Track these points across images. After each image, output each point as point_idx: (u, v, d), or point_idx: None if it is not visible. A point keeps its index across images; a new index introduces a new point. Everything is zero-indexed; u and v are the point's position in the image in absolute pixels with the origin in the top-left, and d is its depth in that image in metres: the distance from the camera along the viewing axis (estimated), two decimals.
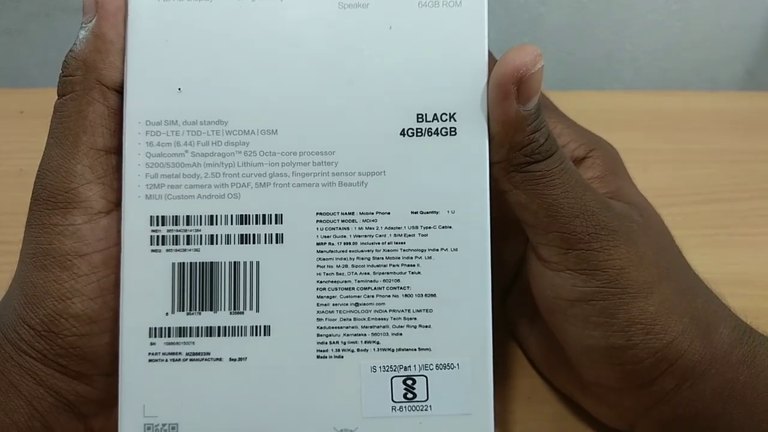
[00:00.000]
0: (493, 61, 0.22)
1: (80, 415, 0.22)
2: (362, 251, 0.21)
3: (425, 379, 0.21)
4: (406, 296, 0.21)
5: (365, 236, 0.21)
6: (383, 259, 0.21)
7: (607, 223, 0.22)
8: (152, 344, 0.21)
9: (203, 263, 0.21)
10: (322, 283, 0.21)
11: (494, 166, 0.22)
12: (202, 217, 0.21)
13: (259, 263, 0.21)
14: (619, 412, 0.24)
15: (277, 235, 0.21)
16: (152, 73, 0.21)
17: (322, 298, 0.21)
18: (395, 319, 0.21)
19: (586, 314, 0.22)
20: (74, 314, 0.21)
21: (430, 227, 0.21)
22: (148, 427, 0.21)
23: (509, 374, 0.28)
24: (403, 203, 0.21)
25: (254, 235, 0.21)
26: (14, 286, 0.22)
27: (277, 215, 0.21)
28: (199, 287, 0.21)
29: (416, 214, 0.21)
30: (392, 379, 0.21)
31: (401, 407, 0.21)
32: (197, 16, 0.21)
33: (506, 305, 0.28)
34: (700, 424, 0.22)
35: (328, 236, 0.21)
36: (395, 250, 0.21)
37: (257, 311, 0.21)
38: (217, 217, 0.21)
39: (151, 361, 0.21)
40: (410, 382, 0.21)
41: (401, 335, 0.21)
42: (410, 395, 0.21)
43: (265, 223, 0.21)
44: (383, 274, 0.21)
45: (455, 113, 0.21)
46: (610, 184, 0.24)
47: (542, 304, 0.24)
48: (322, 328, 0.21)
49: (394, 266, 0.21)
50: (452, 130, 0.21)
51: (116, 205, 0.21)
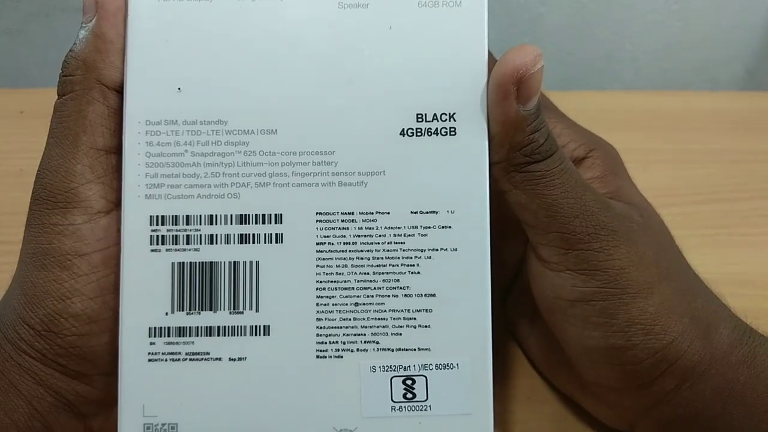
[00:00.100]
0: (493, 61, 0.22)
1: (80, 414, 0.22)
2: (362, 251, 0.21)
3: (425, 379, 0.21)
4: (405, 296, 0.21)
5: (365, 236, 0.21)
6: (383, 259, 0.21)
7: (606, 223, 0.22)
8: (152, 344, 0.21)
9: (203, 263, 0.21)
10: (321, 283, 0.21)
11: (494, 166, 0.22)
12: (201, 216, 0.21)
13: (258, 263, 0.21)
14: (619, 412, 0.24)
15: (276, 234, 0.21)
16: (152, 72, 0.21)
17: (321, 297, 0.21)
18: (395, 319, 0.21)
19: (586, 314, 0.22)
20: (74, 314, 0.21)
21: (429, 227, 0.21)
22: (147, 426, 0.21)
23: (509, 374, 0.28)
24: (402, 203, 0.21)
25: (254, 234, 0.21)
26: (14, 285, 0.22)
27: (276, 215, 0.21)
28: (198, 287, 0.21)
29: (416, 214, 0.21)
30: (392, 379, 0.21)
31: (401, 407, 0.21)
32: (197, 16, 0.21)
33: (506, 305, 0.28)
34: (700, 424, 0.22)
35: (327, 236, 0.21)
36: (395, 250, 0.21)
37: (257, 311, 0.21)
38: (216, 216, 0.21)
39: (150, 360, 0.21)
40: (410, 382, 0.21)
41: (401, 335, 0.21)
42: (410, 395, 0.21)
43: (264, 222, 0.21)
44: (383, 274, 0.21)
45: (455, 113, 0.21)
46: (610, 184, 0.24)
47: (542, 304, 0.24)
48: (321, 327, 0.21)
49: (393, 266, 0.21)
50: (452, 130, 0.21)
51: (116, 204, 0.21)
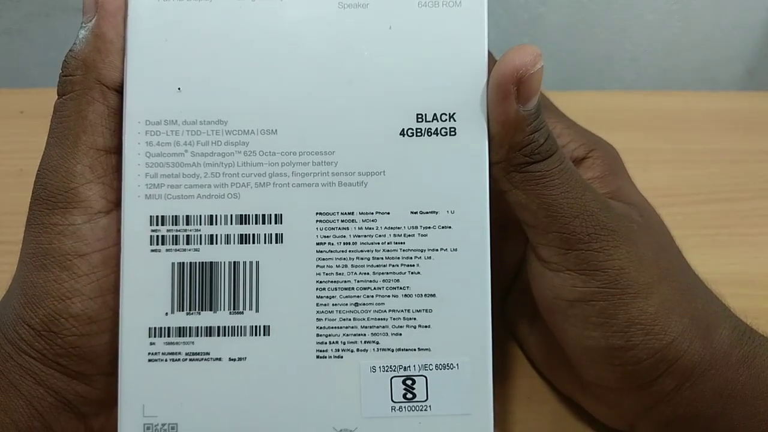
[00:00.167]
0: (493, 61, 0.22)
1: (80, 414, 0.22)
2: (362, 251, 0.21)
3: (425, 379, 0.21)
4: (405, 296, 0.21)
5: (365, 236, 0.21)
6: (383, 259, 0.21)
7: (606, 223, 0.22)
8: (152, 344, 0.21)
9: (203, 263, 0.21)
10: (321, 283, 0.21)
11: (494, 166, 0.22)
12: (201, 216, 0.21)
13: (258, 263, 0.21)
14: (619, 412, 0.24)
15: (276, 235, 0.21)
16: (152, 72, 0.21)
17: (321, 298, 0.21)
18: (395, 319, 0.21)
19: (585, 315, 0.22)
20: (74, 314, 0.21)
21: (429, 227, 0.21)
22: (147, 426, 0.21)
23: (509, 374, 0.28)
24: (402, 203, 0.21)
25: (254, 235, 0.21)
26: (14, 285, 0.22)
27: (276, 215, 0.21)
28: (198, 287, 0.21)
29: (416, 214, 0.21)
30: (392, 379, 0.21)
31: (401, 407, 0.21)
32: (197, 16, 0.21)
33: (506, 305, 0.28)
34: (700, 424, 0.22)
35: (327, 236, 0.21)
36: (395, 250, 0.21)
37: (257, 311, 0.21)
38: (216, 217, 0.21)
39: (150, 360, 0.21)
40: (410, 382, 0.21)
41: (401, 335, 0.21)
42: (410, 395, 0.21)
43: (264, 223, 0.21)
44: (383, 274, 0.21)
45: (455, 113, 0.21)
46: (609, 184, 0.24)
47: (542, 304, 0.24)
48: (321, 328, 0.21)
49: (393, 266, 0.21)
50: (452, 130, 0.21)
51: (116, 204, 0.21)
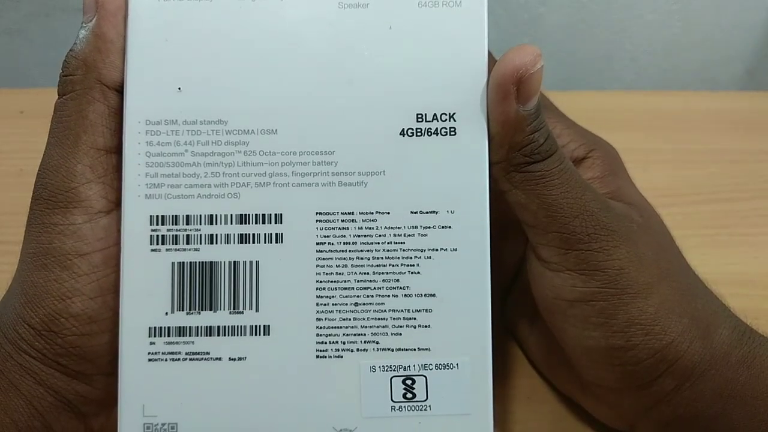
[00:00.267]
0: (493, 61, 0.22)
1: (80, 414, 0.22)
2: (362, 251, 0.21)
3: (425, 379, 0.21)
4: (405, 296, 0.21)
5: (365, 236, 0.21)
6: (383, 259, 0.21)
7: (606, 223, 0.22)
8: (152, 344, 0.21)
9: (203, 263, 0.21)
10: (321, 282, 0.21)
11: (494, 166, 0.22)
12: (201, 216, 0.21)
13: (258, 263, 0.21)
14: (619, 412, 0.24)
15: (276, 234, 0.21)
16: (152, 72, 0.21)
17: (321, 297, 0.21)
18: (395, 318, 0.21)
19: (585, 315, 0.22)
20: (74, 314, 0.21)
21: (429, 227, 0.21)
22: (147, 426, 0.21)
23: (509, 374, 0.28)
24: (402, 203, 0.21)
25: (254, 234, 0.21)
26: (14, 285, 0.22)
27: (276, 215, 0.21)
28: (198, 287, 0.21)
29: (416, 214, 0.21)
30: (392, 378, 0.21)
31: (401, 407, 0.21)
32: (197, 15, 0.21)
33: (506, 305, 0.28)
34: (700, 424, 0.22)
35: (327, 236, 0.21)
36: (395, 250, 0.21)
37: (257, 311, 0.21)
38: (216, 216, 0.21)
39: (150, 360, 0.21)
40: (410, 381, 0.21)
41: (401, 335, 0.21)
42: (410, 395, 0.21)
43: (264, 222, 0.21)
44: (383, 273, 0.21)
45: (455, 113, 0.21)
46: (609, 184, 0.24)
47: (542, 304, 0.24)
48: (321, 327, 0.21)
49: (393, 266, 0.21)
50: (452, 130, 0.21)
51: (116, 204, 0.21)
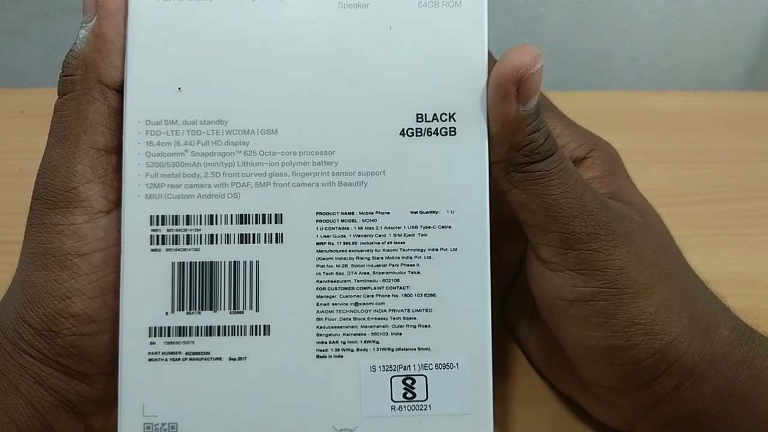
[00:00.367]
0: (493, 61, 0.22)
1: (80, 414, 0.22)
2: (362, 251, 0.21)
3: (425, 378, 0.21)
4: (405, 296, 0.21)
5: (365, 236, 0.21)
6: (383, 258, 0.21)
7: (606, 223, 0.22)
8: (152, 344, 0.21)
9: (203, 263, 0.21)
10: (321, 282, 0.21)
11: (494, 166, 0.22)
12: (201, 216, 0.21)
13: (258, 263, 0.21)
14: (619, 412, 0.24)
15: (276, 234, 0.21)
16: (152, 72, 0.21)
17: (321, 297, 0.21)
18: (395, 318, 0.21)
19: (585, 314, 0.22)
20: (74, 313, 0.21)
21: (429, 227, 0.21)
22: (147, 426, 0.21)
23: (509, 374, 0.28)
24: (402, 203, 0.21)
25: (254, 234, 0.21)
26: (15, 285, 0.22)
27: (276, 215, 0.21)
28: (198, 287, 0.21)
29: (416, 213, 0.21)
30: (392, 378, 0.21)
31: (401, 407, 0.21)
32: (197, 15, 0.21)
33: (506, 305, 0.28)
34: (700, 424, 0.22)
35: (327, 236, 0.21)
36: (395, 249, 0.21)
37: (257, 311, 0.21)
38: (216, 216, 0.21)
39: (150, 360, 0.21)
40: (410, 381, 0.21)
41: (401, 335, 0.21)
42: (410, 395, 0.21)
43: (264, 222, 0.21)
44: (383, 273, 0.21)
45: (455, 113, 0.21)
46: (609, 184, 0.24)
47: (542, 304, 0.24)
48: (321, 327, 0.21)
49: (393, 266, 0.21)
50: (452, 130, 0.21)
51: (116, 204, 0.21)
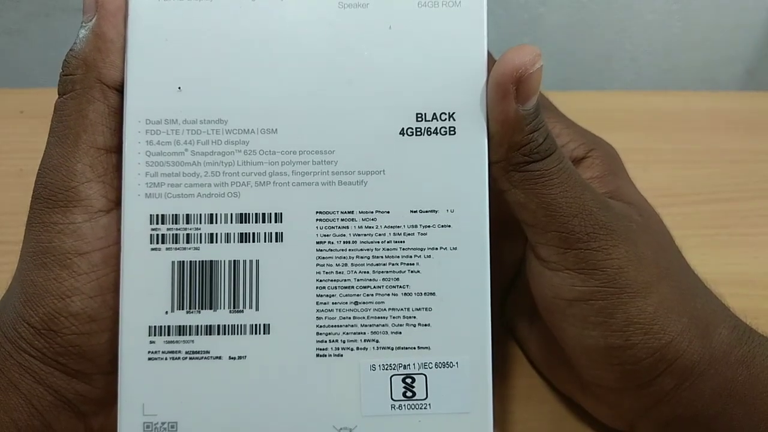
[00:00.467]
0: (492, 61, 0.22)
1: (80, 413, 0.22)
2: (362, 250, 0.21)
3: (424, 377, 0.21)
4: (405, 295, 0.21)
5: (365, 235, 0.21)
6: (383, 257, 0.21)
7: (605, 222, 0.22)
8: (152, 343, 0.21)
9: (203, 262, 0.21)
10: (321, 281, 0.21)
11: (493, 165, 0.22)
12: (201, 215, 0.21)
13: (258, 262, 0.21)
14: (618, 412, 0.24)
15: (276, 233, 0.21)
16: (152, 72, 0.21)
17: (321, 296, 0.21)
18: (395, 317, 0.21)
19: (584, 314, 0.22)
20: (74, 313, 0.21)
21: (429, 226, 0.21)
22: (147, 425, 0.21)
23: (509, 374, 0.28)
24: (402, 202, 0.21)
25: (254, 233, 0.21)
26: (14, 284, 0.22)
27: (276, 214, 0.21)
28: (198, 286, 0.21)
29: (415, 213, 0.21)
30: (391, 377, 0.21)
31: (400, 405, 0.21)
32: (197, 15, 0.21)
33: (506, 305, 0.28)
34: (699, 424, 0.22)
35: (327, 235, 0.21)
36: (395, 248, 0.21)
37: (257, 310, 0.21)
38: (216, 215, 0.21)
39: (150, 359, 0.21)
40: (409, 380, 0.21)
41: (400, 334, 0.21)
42: (409, 394, 0.21)
43: (264, 221, 0.21)
44: (383, 272, 0.21)
45: (454, 113, 0.21)
46: (609, 184, 0.24)
47: (541, 303, 0.24)
48: (321, 326, 0.21)
49: (393, 265, 0.21)
50: (451, 129, 0.21)
51: (116, 203, 0.21)
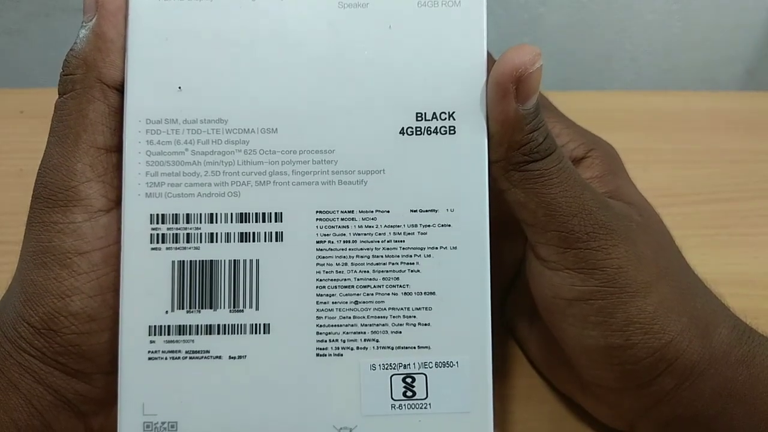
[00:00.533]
0: (492, 61, 0.22)
1: (80, 413, 0.22)
2: (362, 249, 0.21)
3: (424, 377, 0.21)
4: (405, 294, 0.21)
5: (365, 234, 0.21)
6: (383, 257, 0.21)
7: (605, 222, 0.22)
8: (152, 342, 0.21)
9: (203, 261, 0.21)
10: (321, 281, 0.21)
11: (493, 164, 0.22)
12: (202, 215, 0.21)
13: (258, 261, 0.21)
14: (618, 412, 0.24)
15: (276, 233, 0.21)
16: (152, 71, 0.21)
17: (321, 296, 0.21)
18: (395, 317, 0.21)
19: (584, 314, 0.22)
20: (74, 312, 0.21)
21: (429, 225, 0.21)
22: (147, 425, 0.21)
23: (509, 374, 0.28)
24: (402, 202, 0.21)
25: (254, 233, 0.21)
26: (14, 284, 0.22)
27: (276, 213, 0.21)
28: (198, 285, 0.21)
29: (415, 212, 0.21)
30: (391, 377, 0.21)
31: (400, 405, 0.21)
32: (197, 15, 0.21)
33: (506, 305, 0.28)
34: (699, 423, 0.22)
35: (327, 234, 0.21)
36: (395, 248, 0.21)
37: (257, 309, 0.21)
38: (217, 215, 0.21)
39: (150, 359, 0.21)
40: (409, 380, 0.21)
41: (401, 333, 0.21)
42: (409, 393, 0.21)
43: (264, 221, 0.21)
44: (383, 272, 0.21)
45: (454, 112, 0.21)
46: (609, 183, 0.24)
47: (541, 303, 0.24)
48: (321, 326, 0.21)
49: (393, 264, 0.21)
50: (451, 128, 0.21)
51: (116, 203, 0.21)
